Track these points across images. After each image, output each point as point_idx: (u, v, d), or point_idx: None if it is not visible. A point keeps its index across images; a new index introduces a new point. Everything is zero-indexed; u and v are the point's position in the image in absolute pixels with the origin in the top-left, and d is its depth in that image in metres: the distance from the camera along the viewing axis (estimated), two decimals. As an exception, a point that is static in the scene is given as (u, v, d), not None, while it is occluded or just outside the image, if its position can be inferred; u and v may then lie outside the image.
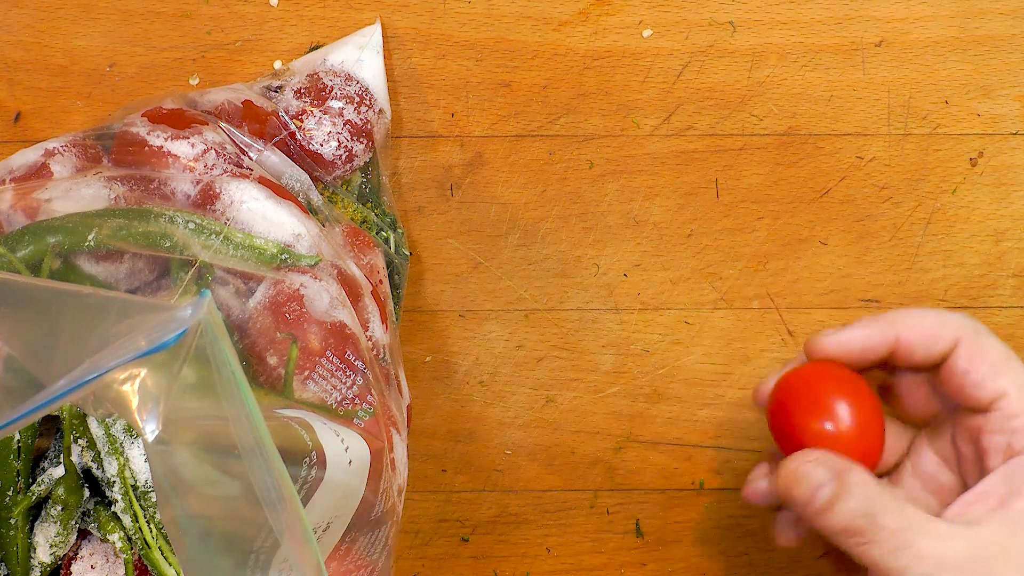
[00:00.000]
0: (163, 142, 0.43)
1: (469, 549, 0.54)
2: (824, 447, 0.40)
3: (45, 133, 0.51)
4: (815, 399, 0.41)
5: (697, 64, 0.51)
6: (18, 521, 0.39)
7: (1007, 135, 0.52)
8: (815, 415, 0.40)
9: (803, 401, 0.41)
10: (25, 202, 0.40)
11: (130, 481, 0.38)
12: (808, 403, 0.41)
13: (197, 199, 0.41)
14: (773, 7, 0.51)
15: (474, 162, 0.52)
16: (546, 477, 0.53)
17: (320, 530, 0.36)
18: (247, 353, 0.40)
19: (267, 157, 0.45)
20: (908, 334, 0.41)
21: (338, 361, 0.40)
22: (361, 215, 0.48)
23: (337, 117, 0.48)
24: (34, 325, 0.29)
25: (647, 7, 0.51)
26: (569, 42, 0.51)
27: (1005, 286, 0.53)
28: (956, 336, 0.40)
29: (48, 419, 0.40)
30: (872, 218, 0.52)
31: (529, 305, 0.53)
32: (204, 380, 0.27)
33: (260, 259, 0.41)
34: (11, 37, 0.51)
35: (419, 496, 0.54)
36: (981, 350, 0.40)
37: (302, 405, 0.39)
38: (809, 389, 0.41)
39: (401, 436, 0.44)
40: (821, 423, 0.40)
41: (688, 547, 0.54)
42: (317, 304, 0.40)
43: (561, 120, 0.52)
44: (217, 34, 0.51)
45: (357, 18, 0.51)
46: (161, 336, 0.26)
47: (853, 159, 0.52)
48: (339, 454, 0.36)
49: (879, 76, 0.52)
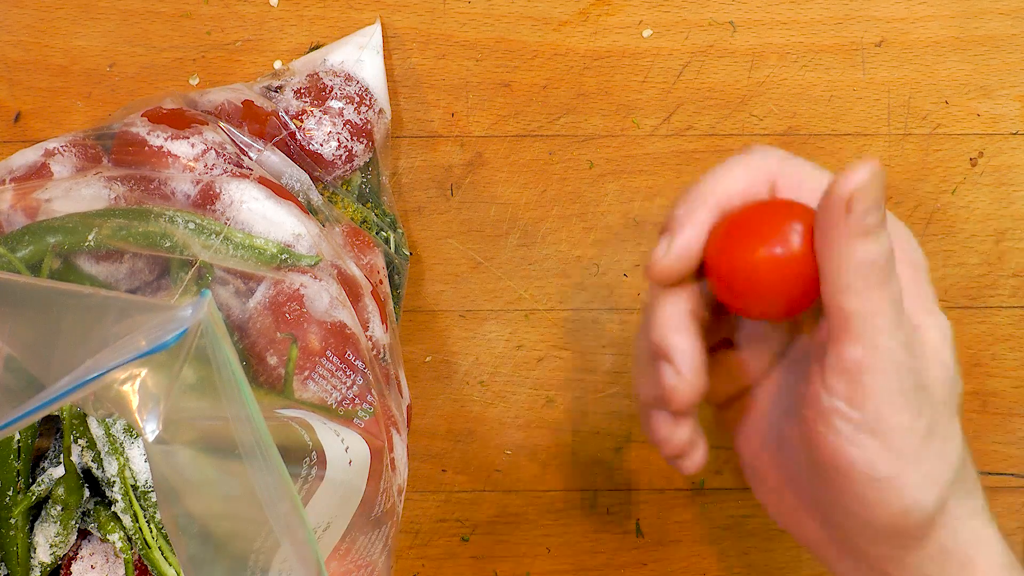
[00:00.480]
0: (163, 142, 0.43)
1: (469, 549, 0.54)
2: (776, 272, 0.36)
3: (45, 133, 0.51)
4: (763, 229, 0.37)
5: (697, 64, 0.51)
6: (18, 521, 0.39)
7: (1007, 135, 0.52)
8: (766, 242, 0.36)
9: (749, 232, 0.37)
10: (25, 202, 0.40)
11: (130, 481, 0.38)
12: (756, 232, 0.37)
13: (197, 199, 0.41)
14: (773, 7, 0.51)
15: (474, 162, 0.52)
16: (546, 477, 0.53)
17: (320, 530, 0.36)
18: (247, 353, 0.40)
19: (267, 157, 0.45)
20: (728, 192, 0.38)
21: (338, 361, 0.40)
22: (361, 215, 0.48)
23: (337, 117, 0.48)
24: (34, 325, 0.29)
25: (647, 7, 0.51)
26: (569, 42, 0.51)
27: (1005, 286, 0.53)
28: (771, 166, 0.38)
29: (48, 419, 0.40)
30: (872, 218, 0.52)
31: (529, 305, 0.53)
32: (204, 380, 0.27)
33: (260, 259, 0.41)
34: (11, 37, 0.51)
35: (419, 496, 0.54)
36: (800, 171, 0.38)
37: (302, 405, 0.39)
38: (754, 221, 0.37)
39: (401, 436, 0.44)
40: (771, 248, 0.36)
41: (688, 547, 0.54)
42: (317, 304, 0.40)
43: (561, 120, 0.52)
44: (217, 34, 0.51)
45: (357, 18, 0.51)
46: (161, 336, 0.26)
47: (853, 159, 0.52)
48: (339, 454, 0.36)
49: (879, 76, 0.52)
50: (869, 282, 0.34)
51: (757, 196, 0.38)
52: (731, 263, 0.37)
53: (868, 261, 0.34)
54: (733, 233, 0.37)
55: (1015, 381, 0.54)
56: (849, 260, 0.34)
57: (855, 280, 0.34)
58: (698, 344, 0.37)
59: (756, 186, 0.38)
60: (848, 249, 0.34)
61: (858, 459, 0.35)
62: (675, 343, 0.37)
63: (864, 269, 0.34)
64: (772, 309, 0.37)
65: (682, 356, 0.37)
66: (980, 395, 0.54)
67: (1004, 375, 0.54)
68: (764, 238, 0.36)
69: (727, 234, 0.37)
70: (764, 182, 0.38)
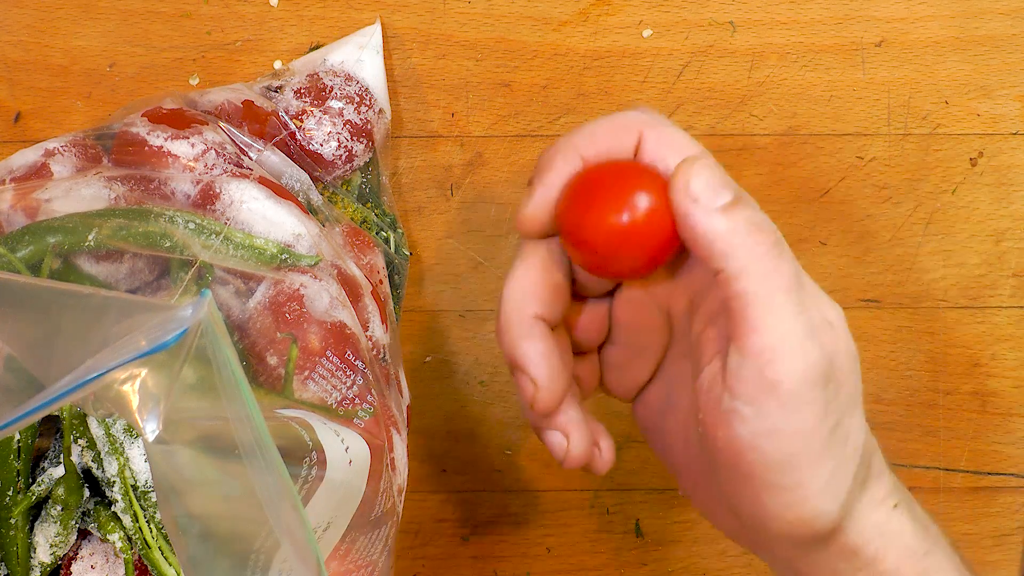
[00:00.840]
0: (163, 142, 0.43)
1: (469, 549, 0.54)
2: (621, 240, 0.35)
3: (45, 133, 0.51)
4: (607, 195, 0.35)
5: (697, 64, 0.51)
6: (18, 521, 0.39)
7: (1007, 135, 0.52)
8: (612, 210, 0.35)
9: (596, 198, 0.36)
10: (25, 202, 0.40)
11: (130, 481, 0.38)
12: (600, 200, 0.35)
13: (197, 199, 0.41)
14: (773, 7, 0.51)
15: (474, 162, 0.52)
16: (546, 477, 0.53)
17: (320, 530, 0.36)
18: (247, 353, 0.40)
19: (267, 157, 0.45)
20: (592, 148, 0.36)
21: (338, 361, 0.40)
22: (361, 215, 0.48)
23: (337, 117, 0.48)
24: (34, 325, 0.29)
25: (647, 7, 0.51)
26: (569, 42, 0.51)
27: (1005, 286, 0.53)
28: (639, 127, 0.36)
29: (48, 419, 0.40)
30: (872, 218, 0.52)
31: (529, 305, 0.53)
32: (204, 380, 0.27)
33: (260, 259, 0.41)
34: (11, 37, 0.51)
35: (419, 496, 0.54)
36: (667, 136, 0.36)
37: (302, 405, 0.39)
38: (603, 181, 0.36)
39: (401, 436, 0.44)
40: (618, 217, 0.35)
41: (688, 547, 0.54)
42: (317, 304, 0.40)
43: (561, 120, 0.52)
44: (217, 34, 0.51)
45: (357, 18, 0.51)
46: (161, 336, 0.26)
47: (853, 159, 0.52)
48: (339, 454, 0.36)
49: (879, 76, 0.52)
50: (760, 257, 0.33)
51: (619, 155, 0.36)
52: (576, 223, 0.36)
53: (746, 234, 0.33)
54: (581, 193, 0.36)
55: (1015, 381, 0.54)
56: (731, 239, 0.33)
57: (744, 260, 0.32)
58: (549, 345, 0.36)
59: (620, 145, 0.36)
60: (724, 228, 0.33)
61: (758, 465, 0.33)
62: (524, 351, 0.36)
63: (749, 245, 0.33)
64: (614, 271, 0.36)
65: (535, 366, 0.35)
66: (980, 395, 0.54)
67: (1004, 375, 0.54)
68: (607, 201, 0.35)
69: (575, 194, 0.36)
70: (629, 143, 0.36)
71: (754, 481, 0.34)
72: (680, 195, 0.33)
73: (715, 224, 0.33)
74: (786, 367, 0.32)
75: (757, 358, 0.32)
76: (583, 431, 0.37)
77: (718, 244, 0.33)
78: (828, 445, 0.33)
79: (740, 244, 0.33)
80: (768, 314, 0.32)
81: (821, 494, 0.34)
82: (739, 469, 0.34)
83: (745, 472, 0.34)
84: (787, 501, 0.34)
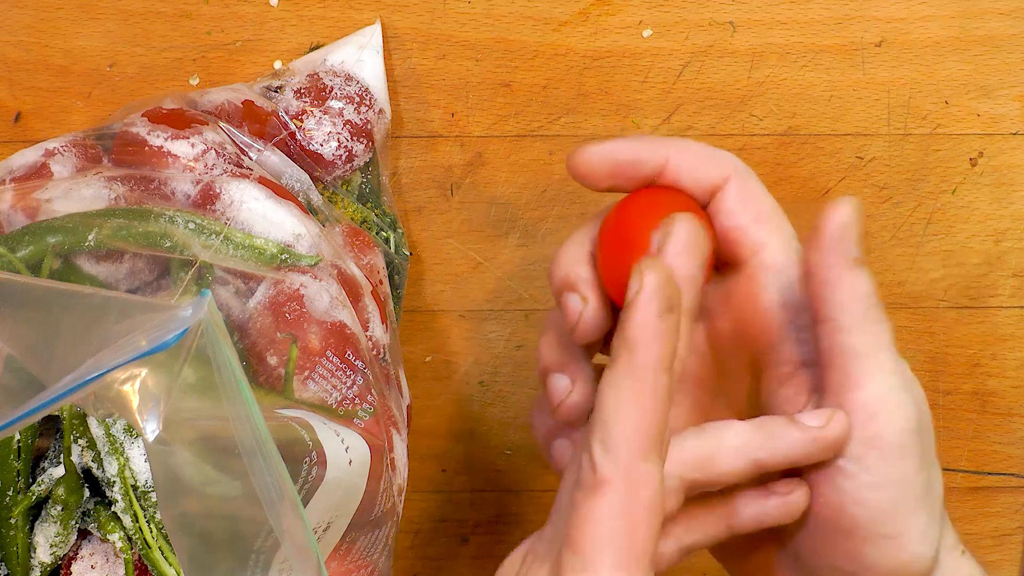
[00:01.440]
0: (163, 142, 0.43)
1: (469, 549, 0.54)
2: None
3: (45, 133, 0.51)
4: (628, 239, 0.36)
5: (697, 64, 0.51)
6: (18, 521, 0.39)
7: (1007, 135, 0.52)
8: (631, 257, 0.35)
9: (619, 242, 0.36)
10: (25, 202, 0.40)
11: (130, 481, 0.38)
12: (623, 243, 0.36)
13: (197, 199, 0.41)
14: (773, 7, 0.51)
15: (474, 162, 0.52)
16: (546, 477, 0.53)
17: (320, 530, 0.36)
18: (247, 353, 0.40)
19: (267, 157, 0.45)
20: (679, 157, 0.37)
21: (338, 361, 0.40)
22: (361, 215, 0.48)
23: (337, 117, 0.48)
24: (34, 325, 0.29)
25: (647, 7, 0.51)
26: (569, 42, 0.51)
27: (1005, 286, 0.53)
28: (727, 172, 0.37)
29: (48, 419, 0.40)
30: (872, 218, 0.52)
31: (529, 305, 0.53)
32: (204, 380, 0.27)
33: (260, 259, 0.41)
34: (11, 37, 0.51)
35: (419, 496, 0.54)
36: (751, 192, 0.37)
37: (302, 405, 0.39)
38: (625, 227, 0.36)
39: (401, 436, 0.44)
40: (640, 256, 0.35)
41: (688, 547, 0.54)
42: (317, 304, 0.40)
43: (561, 120, 0.52)
44: (217, 34, 0.51)
45: (357, 18, 0.51)
46: (162, 336, 0.26)
47: (853, 159, 0.52)
48: (339, 454, 0.36)
49: (879, 76, 0.52)
50: (871, 317, 0.33)
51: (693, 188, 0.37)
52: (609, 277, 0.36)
53: (867, 293, 0.33)
54: (611, 241, 0.37)
55: (1015, 381, 0.54)
56: (852, 293, 0.33)
57: (857, 316, 0.33)
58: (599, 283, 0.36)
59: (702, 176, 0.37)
60: (849, 282, 0.33)
61: (861, 518, 0.34)
62: (579, 272, 0.36)
63: (865, 302, 0.33)
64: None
65: (587, 285, 0.36)
66: (980, 395, 0.54)
67: (1004, 375, 0.54)
68: (635, 250, 0.35)
69: (604, 247, 0.37)
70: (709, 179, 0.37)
71: (857, 534, 0.34)
72: (830, 239, 0.34)
73: (848, 276, 0.33)
74: (888, 421, 0.33)
75: (860, 413, 0.33)
76: (589, 386, 0.37)
77: (840, 295, 0.33)
78: (925, 492, 0.34)
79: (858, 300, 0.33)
80: (875, 370, 0.33)
81: (921, 540, 0.34)
82: (840, 524, 0.34)
83: (847, 526, 0.34)
84: (889, 550, 0.34)
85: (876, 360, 0.33)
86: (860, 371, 0.33)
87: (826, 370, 0.34)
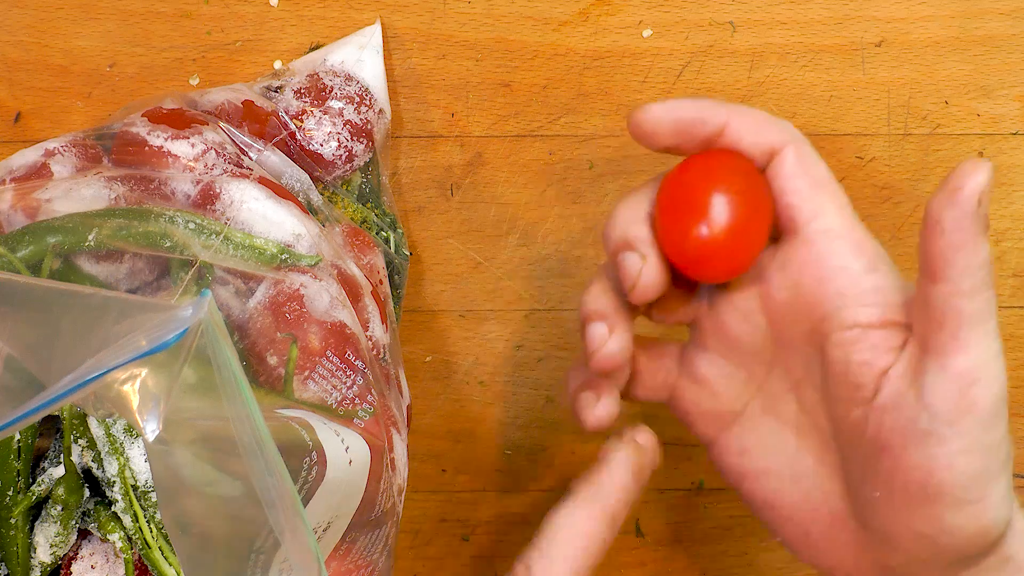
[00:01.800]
0: (163, 142, 0.43)
1: (469, 549, 0.54)
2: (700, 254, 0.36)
3: (45, 133, 0.51)
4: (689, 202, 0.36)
5: (697, 64, 0.51)
6: (18, 521, 0.39)
7: (1007, 135, 0.52)
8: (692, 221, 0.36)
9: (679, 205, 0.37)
10: (25, 202, 0.40)
11: (130, 481, 0.38)
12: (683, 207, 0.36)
13: (197, 199, 0.41)
14: (773, 7, 0.51)
15: (474, 162, 0.52)
16: (546, 477, 0.53)
17: (320, 530, 0.36)
18: (247, 353, 0.40)
19: (267, 157, 0.45)
20: (739, 120, 0.37)
21: (338, 361, 0.40)
22: (361, 215, 0.48)
23: (337, 117, 0.48)
24: (34, 325, 0.29)
25: (647, 7, 0.51)
26: (569, 42, 0.51)
27: (1005, 286, 0.53)
28: (786, 138, 0.37)
29: (48, 419, 0.40)
30: (872, 218, 0.52)
31: (529, 305, 0.53)
32: (204, 380, 0.27)
33: (260, 259, 0.41)
34: (11, 37, 0.51)
35: (419, 496, 0.54)
36: (808, 158, 0.37)
37: (302, 405, 0.39)
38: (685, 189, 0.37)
39: (401, 436, 0.44)
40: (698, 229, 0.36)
41: (688, 547, 0.54)
42: (317, 304, 0.40)
43: (561, 120, 0.52)
44: (217, 34, 0.51)
45: (357, 18, 0.51)
46: (162, 336, 0.26)
47: (853, 159, 0.52)
48: (339, 454, 0.36)
49: (879, 76, 0.52)
50: (988, 283, 0.34)
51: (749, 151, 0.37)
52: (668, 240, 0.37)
53: (987, 260, 0.33)
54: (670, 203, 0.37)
55: (1015, 381, 0.54)
56: (974, 259, 0.33)
57: (977, 283, 0.33)
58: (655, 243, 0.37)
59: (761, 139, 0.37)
60: (975, 247, 0.33)
61: (948, 483, 0.34)
62: (637, 232, 0.37)
63: (986, 269, 0.33)
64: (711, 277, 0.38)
65: (646, 244, 0.37)
66: (980, 395, 0.54)
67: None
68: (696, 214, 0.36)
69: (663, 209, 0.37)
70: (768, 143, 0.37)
71: (942, 500, 0.34)
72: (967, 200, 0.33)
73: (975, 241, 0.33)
74: (987, 387, 0.34)
75: (961, 378, 0.34)
76: (627, 338, 0.38)
77: (964, 260, 0.33)
78: (1007, 458, 0.35)
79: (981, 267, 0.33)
80: (983, 337, 0.34)
81: (1000, 505, 0.35)
82: (927, 489, 0.34)
83: (934, 492, 0.34)
84: (972, 515, 0.34)
85: (986, 327, 0.34)
86: (968, 336, 0.33)
87: (934, 330, 0.34)
